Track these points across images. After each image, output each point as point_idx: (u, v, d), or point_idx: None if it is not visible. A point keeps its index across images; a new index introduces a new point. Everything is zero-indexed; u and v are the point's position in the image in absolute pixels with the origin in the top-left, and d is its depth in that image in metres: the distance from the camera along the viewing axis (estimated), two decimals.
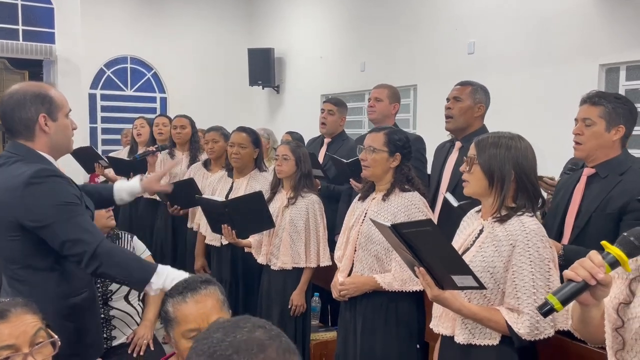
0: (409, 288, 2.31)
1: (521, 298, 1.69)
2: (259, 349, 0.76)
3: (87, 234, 1.78)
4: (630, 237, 1.19)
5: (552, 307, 1.20)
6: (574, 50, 4.57)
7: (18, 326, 1.32)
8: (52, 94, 1.89)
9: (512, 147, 1.78)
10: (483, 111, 2.91)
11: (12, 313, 1.32)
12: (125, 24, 8.03)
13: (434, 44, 5.80)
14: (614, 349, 1.26)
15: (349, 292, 2.40)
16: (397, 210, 2.32)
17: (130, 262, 1.86)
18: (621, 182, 2.10)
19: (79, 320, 1.88)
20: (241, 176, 3.37)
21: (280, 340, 0.80)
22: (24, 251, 1.81)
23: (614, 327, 1.25)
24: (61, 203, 1.77)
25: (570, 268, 1.20)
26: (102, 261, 1.76)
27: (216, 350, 0.76)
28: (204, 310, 1.49)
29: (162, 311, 1.55)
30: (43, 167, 1.80)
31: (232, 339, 0.77)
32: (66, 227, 1.76)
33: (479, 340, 1.78)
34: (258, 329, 0.80)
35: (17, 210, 1.76)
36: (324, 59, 7.49)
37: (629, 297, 1.24)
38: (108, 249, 1.80)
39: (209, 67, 8.53)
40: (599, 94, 2.19)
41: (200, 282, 1.55)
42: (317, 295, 3.55)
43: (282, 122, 7.90)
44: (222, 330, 0.80)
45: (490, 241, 1.76)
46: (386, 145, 2.37)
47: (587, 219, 2.13)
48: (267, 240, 3.06)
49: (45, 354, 1.35)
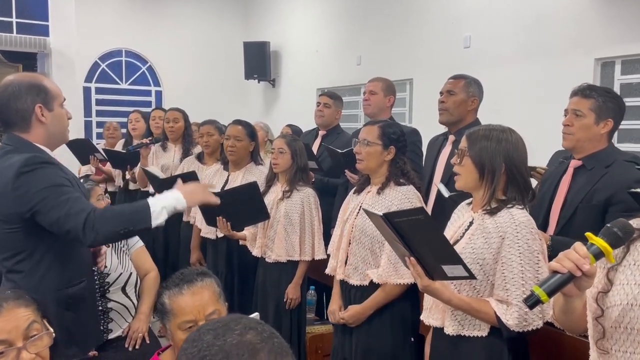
0: (399, 281, 2.32)
1: (510, 290, 1.71)
2: (250, 354, 0.75)
3: (77, 207, 1.77)
4: (614, 229, 1.21)
5: (538, 299, 1.21)
6: (569, 44, 4.57)
7: (10, 320, 1.30)
8: (46, 84, 1.89)
9: (503, 140, 1.79)
10: (476, 105, 2.92)
11: (4, 308, 1.30)
12: (120, 16, 7.98)
13: (430, 38, 5.79)
14: (595, 338, 1.28)
15: (352, 324, 2.41)
16: (392, 203, 2.33)
17: (123, 211, 1.85)
18: (607, 174, 2.12)
19: (78, 309, 1.89)
20: (237, 169, 3.37)
21: (273, 343, 0.78)
22: (24, 242, 1.81)
23: (594, 316, 1.27)
24: (52, 184, 1.77)
25: (556, 260, 1.22)
26: (96, 224, 1.75)
27: (206, 355, 0.75)
28: (200, 302, 1.49)
29: (159, 303, 1.55)
30: (33, 155, 1.80)
31: (223, 343, 0.76)
32: (57, 205, 1.75)
33: (468, 332, 1.79)
34: (249, 331, 0.78)
35: (12, 201, 1.76)
36: (319, 53, 7.48)
37: (607, 285, 1.26)
38: (99, 213, 1.79)
39: (205, 61, 8.50)
40: (591, 87, 2.21)
41: (197, 274, 1.55)
42: (313, 289, 3.56)
43: (277, 116, 7.89)
44: (213, 332, 0.78)
45: (480, 233, 1.78)
46: (380, 138, 2.37)
47: (572, 210, 2.15)
48: (261, 232, 3.07)
49: (40, 346, 1.33)
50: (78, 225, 1.75)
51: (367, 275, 2.36)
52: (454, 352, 1.83)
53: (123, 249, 2.39)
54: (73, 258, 1.90)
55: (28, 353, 1.30)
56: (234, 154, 3.32)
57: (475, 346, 1.78)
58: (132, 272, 2.40)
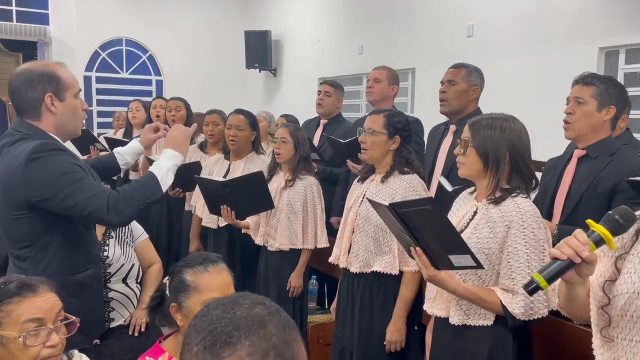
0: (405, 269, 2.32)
1: (516, 279, 1.71)
2: (260, 325, 0.76)
3: (95, 189, 1.81)
4: (615, 216, 1.21)
5: (538, 285, 1.21)
6: (573, 33, 4.54)
7: (47, 301, 1.38)
8: (60, 73, 1.88)
9: (507, 129, 1.78)
10: (478, 94, 2.90)
11: (40, 288, 1.38)
12: (120, 5, 7.93)
13: (433, 26, 5.76)
14: (600, 327, 1.28)
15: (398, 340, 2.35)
16: (396, 192, 2.32)
17: (136, 188, 1.90)
18: (611, 162, 2.11)
19: (83, 297, 1.89)
20: (238, 159, 3.36)
21: (280, 316, 0.80)
22: (30, 228, 1.81)
23: (600, 305, 1.27)
24: (62, 173, 1.77)
25: (556, 246, 1.22)
26: (118, 205, 1.80)
27: (216, 327, 0.76)
28: (225, 281, 1.54)
29: (175, 281, 1.55)
30: (43, 142, 1.80)
31: (232, 316, 0.78)
32: (75, 191, 1.77)
33: (473, 321, 1.79)
34: (257, 305, 0.80)
35: (21, 187, 1.77)
36: (321, 42, 7.44)
37: (615, 274, 1.26)
38: (117, 196, 1.83)
39: (206, 50, 8.46)
40: (592, 74, 2.20)
41: (216, 256, 1.60)
42: (315, 278, 3.57)
43: (279, 105, 7.86)
44: (222, 307, 0.80)
45: (485, 222, 1.77)
46: (385, 128, 2.36)
47: (578, 199, 2.14)
48: (264, 221, 3.07)
49: (63, 333, 1.40)
50: (102, 207, 1.78)
51: (368, 263, 2.36)
52: (458, 342, 1.83)
53: (127, 241, 2.39)
54: (79, 245, 1.90)
55: (57, 335, 1.37)
56: (236, 144, 3.31)
57: (480, 335, 1.79)
58: (135, 263, 2.41)
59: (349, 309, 2.47)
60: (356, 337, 2.43)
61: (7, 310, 1.34)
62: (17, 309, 1.34)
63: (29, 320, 1.33)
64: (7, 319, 1.33)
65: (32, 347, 1.33)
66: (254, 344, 0.74)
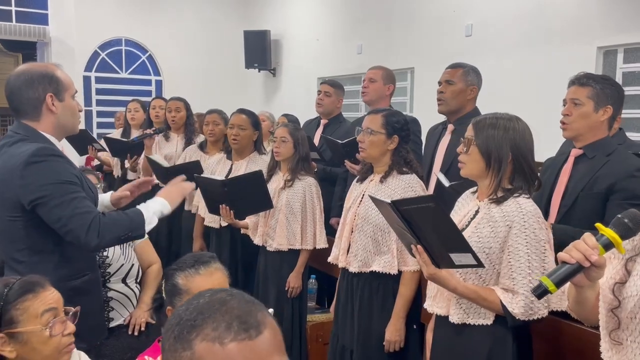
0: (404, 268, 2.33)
1: (516, 279, 1.71)
2: (221, 304, 0.80)
3: (83, 209, 1.81)
4: (625, 219, 1.20)
5: (546, 289, 1.21)
6: (571, 32, 4.55)
7: (55, 293, 1.45)
8: (58, 74, 1.91)
9: (510, 129, 1.78)
10: (475, 93, 2.90)
11: (46, 282, 1.45)
12: (119, 5, 7.93)
13: (432, 26, 5.76)
14: (609, 329, 1.28)
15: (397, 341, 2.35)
16: (394, 192, 2.33)
17: (122, 218, 1.91)
18: (608, 162, 2.11)
19: (81, 302, 1.88)
20: (240, 158, 3.37)
21: (243, 296, 0.83)
22: (25, 232, 1.82)
23: (610, 307, 1.26)
24: (60, 181, 1.79)
25: (565, 250, 1.21)
26: (102, 229, 1.80)
27: (182, 318, 0.80)
28: (218, 282, 1.54)
29: (169, 284, 1.56)
30: (43, 146, 1.81)
31: (196, 305, 0.81)
32: (63, 204, 1.77)
33: (473, 320, 1.80)
34: (219, 292, 0.84)
35: (17, 188, 1.77)
36: (320, 42, 7.44)
37: (625, 276, 1.25)
38: (103, 219, 1.84)
39: (205, 50, 8.46)
40: (587, 75, 2.20)
41: (209, 257, 1.61)
42: (314, 278, 3.57)
43: (278, 105, 7.86)
44: (185, 303, 0.84)
45: (486, 222, 1.77)
46: (384, 127, 2.37)
47: (574, 198, 2.15)
48: (263, 221, 3.07)
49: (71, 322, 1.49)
50: (82, 228, 1.78)
51: (367, 263, 2.37)
52: (458, 341, 1.83)
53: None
54: (75, 251, 1.90)
55: (71, 324, 1.45)
56: (238, 143, 3.31)
57: (480, 334, 1.79)
58: (134, 263, 2.41)
59: (349, 308, 2.47)
60: (356, 336, 2.43)
61: (24, 307, 1.39)
62: (34, 304, 1.39)
63: (46, 310, 1.40)
64: (25, 315, 1.38)
65: (55, 336, 1.39)
66: (216, 320, 0.77)
